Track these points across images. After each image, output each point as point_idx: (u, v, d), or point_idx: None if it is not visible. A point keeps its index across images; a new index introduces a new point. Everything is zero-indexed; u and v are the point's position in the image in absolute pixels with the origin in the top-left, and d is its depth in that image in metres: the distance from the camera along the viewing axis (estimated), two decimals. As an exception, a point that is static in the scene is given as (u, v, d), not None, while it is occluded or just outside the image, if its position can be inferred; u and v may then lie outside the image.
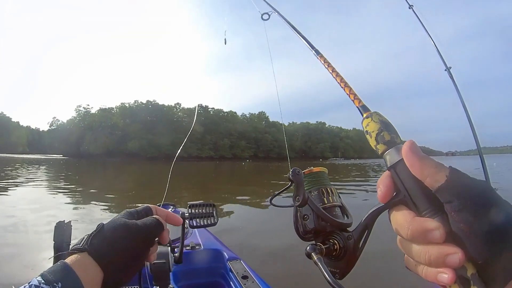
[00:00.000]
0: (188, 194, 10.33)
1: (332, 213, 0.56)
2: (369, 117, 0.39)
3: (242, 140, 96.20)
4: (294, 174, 0.55)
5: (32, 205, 6.96)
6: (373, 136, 0.37)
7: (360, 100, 0.44)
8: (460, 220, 0.27)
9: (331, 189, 0.59)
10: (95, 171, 25.65)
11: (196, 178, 17.99)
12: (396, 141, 0.36)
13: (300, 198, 0.54)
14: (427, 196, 0.31)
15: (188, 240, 1.50)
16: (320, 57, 0.62)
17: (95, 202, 7.82)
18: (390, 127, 0.37)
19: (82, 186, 12.24)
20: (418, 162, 0.31)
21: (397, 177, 0.34)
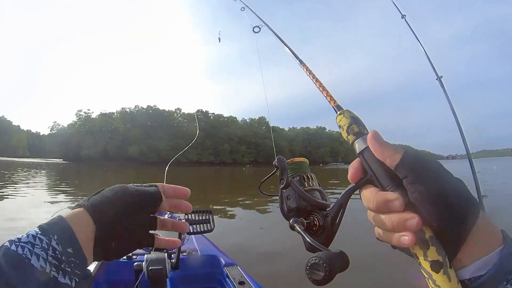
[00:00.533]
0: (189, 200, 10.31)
1: (312, 195, 0.63)
2: (342, 113, 0.46)
3: (242, 145, 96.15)
4: (279, 161, 0.64)
5: (31, 210, 6.96)
6: (345, 129, 0.44)
7: (335, 101, 0.51)
8: (414, 190, 0.34)
9: (311, 175, 0.68)
10: (95, 176, 25.61)
11: (195, 184, 17.97)
12: (363, 132, 0.43)
13: (284, 181, 0.62)
14: (389, 175, 0.37)
15: (185, 246, 1.51)
16: (303, 66, 0.69)
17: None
18: (358, 121, 0.44)
19: (81, 190, 12.24)
20: (379, 146, 0.38)
21: (365, 161, 0.40)
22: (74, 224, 0.43)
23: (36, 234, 0.40)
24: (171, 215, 1.97)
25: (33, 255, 0.38)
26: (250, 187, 14.79)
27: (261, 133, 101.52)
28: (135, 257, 1.33)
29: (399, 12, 2.13)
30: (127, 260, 1.30)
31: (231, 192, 11.53)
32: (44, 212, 6.89)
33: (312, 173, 0.69)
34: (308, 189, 0.63)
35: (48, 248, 0.39)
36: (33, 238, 0.39)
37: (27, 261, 0.37)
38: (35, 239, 0.39)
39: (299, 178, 0.66)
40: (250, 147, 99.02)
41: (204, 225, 1.26)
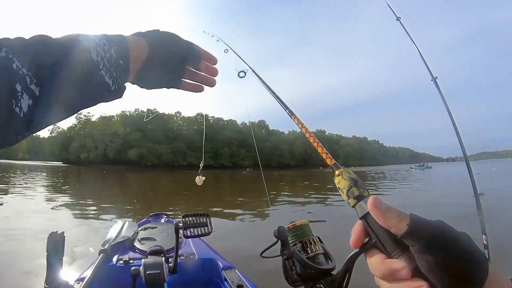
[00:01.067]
0: (186, 203, 10.30)
1: (316, 260, 0.64)
2: (340, 175, 0.44)
3: (242, 149, 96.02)
4: (279, 232, 0.66)
5: (31, 213, 6.94)
6: (344, 192, 0.42)
7: (331, 159, 0.50)
8: (422, 259, 0.33)
9: (313, 239, 0.68)
10: (95, 179, 25.58)
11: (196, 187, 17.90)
12: (364, 195, 0.41)
13: (287, 252, 0.64)
14: (394, 240, 0.36)
15: (182, 250, 1.51)
16: (294, 117, 0.68)
17: (95, 210, 7.81)
18: (358, 182, 0.42)
19: (81, 194, 12.22)
20: (382, 215, 0.37)
21: (368, 225, 0.39)
22: (132, 44, 0.50)
23: (102, 38, 0.46)
24: (168, 219, 1.98)
25: (94, 50, 0.43)
26: (249, 190, 14.78)
27: (261, 137, 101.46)
28: (132, 261, 1.33)
29: (394, 14, 2.15)
30: (124, 265, 1.30)
31: (230, 195, 11.51)
32: (44, 213, 6.89)
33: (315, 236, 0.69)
34: (312, 255, 0.64)
35: (107, 52, 0.45)
36: (99, 39, 0.45)
37: (88, 52, 0.42)
38: (100, 40, 0.45)
39: (301, 245, 0.66)
40: (250, 150, 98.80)
41: (201, 229, 1.25)
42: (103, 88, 0.45)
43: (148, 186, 18.91)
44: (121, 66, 0.47)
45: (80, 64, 0.41)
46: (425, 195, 12.13)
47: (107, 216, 7.13)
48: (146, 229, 1.68)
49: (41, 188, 14.15)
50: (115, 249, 1.40)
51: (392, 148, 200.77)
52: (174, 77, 0.59)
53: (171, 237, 1.52)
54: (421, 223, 0.34)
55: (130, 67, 0.50)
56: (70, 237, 4.74)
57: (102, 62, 0.44)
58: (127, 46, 0.49)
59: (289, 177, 29.64)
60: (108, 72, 0.45)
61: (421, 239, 0.33)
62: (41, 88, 0.37)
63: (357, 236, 0.40)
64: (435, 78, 1.89)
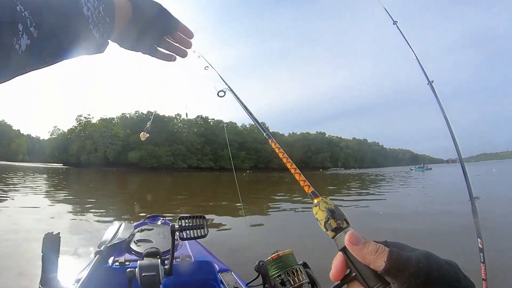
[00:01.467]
0: (186, 205, 10.29)
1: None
2: (317, 205, 0.43)
3: (243, 151, 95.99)
4: (259, 266, 0.66)
5: (30, 214, 6.93)
6: (322, 223, 0.41)
7: (309, 186, 0.48)
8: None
9: (297, 269, 0.67)
10: (94, 181, 25.57)
11: (196, 189, 17.94)
12: (342, 226, 0.40)
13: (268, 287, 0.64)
14: (375, 274, 0.35)
15: (178, 252, 1.51)
16: (271, 141, 0.67)
17: (92, 212, 7.79)
18: (335, 213, 0.41)
19: (79, 195, 12.21)
20: (359, 252, 0.36)
21: (348, 258, 0.38)
22: (118, 4, 0.54)
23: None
24: (164, 221, 1.97)
25: (85, 6, 0.47)
26: (248, 191, 14.76)
27: (261, 139, 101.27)
28: (128, 263, 1.33)
29: (391, 18, 2.17)
30: (120, 267, 1.30)
31: (230, 197, 11.49)
32: (41, 214, 6.88)
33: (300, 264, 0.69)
34: (295, 286, 0.64)
35: (96, 8, 0.49)
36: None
37: (80, 6, 0.47)
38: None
39: (285, 275, 0.66)
40: (250, 152, 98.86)
41: (198, 231, 1.25)
42: (90, 40, 0.50)
43: (147, 188, 18.92)
44: (107, 23, 0.52)
45: (73, 17, 0.46)
46: (421, 198, 12.15)
47: (104, 217, 7.12)
48: (142, 231, 1.68)
49: (39, 189, 14.14)
50: (111, 251, 1.40)
51: (392, 150, 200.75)
52: (150, 43, 0.63)
53: (167, 239, 1.52)
54: (400, 259, 0.33)
55: (114, 25, 0.54)
56: (66, 238, 4.73)
57: (91, 17, 0.48)
58: (114, 5, 0.53)
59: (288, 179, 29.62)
60: (95, 26, 0.49)
61: (400, 276, 0.32)
62: (39, 31, 0.41)
63: (337, 269, 0.39)
64: (431, 82, 1.91)
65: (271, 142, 0.67)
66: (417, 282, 0.31)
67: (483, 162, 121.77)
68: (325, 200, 0.43)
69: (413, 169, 62.25)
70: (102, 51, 0.55)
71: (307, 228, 5.53)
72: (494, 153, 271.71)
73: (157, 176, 41.02)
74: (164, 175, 46.19)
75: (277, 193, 14.15)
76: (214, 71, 1.29)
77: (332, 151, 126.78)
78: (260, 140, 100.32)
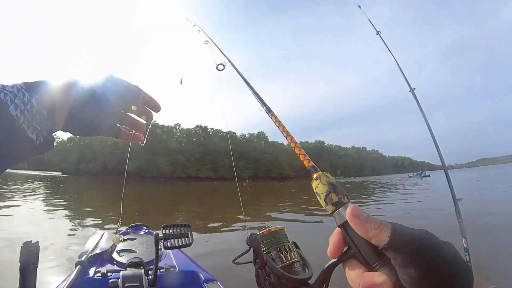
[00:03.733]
0: (183, 215, 10.19)
1: (291, 269, 0.60)
2: (318, 179, 0.41)
3: (242, 160, 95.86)
4: (251, 239, 0.61)
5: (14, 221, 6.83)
6: (322, 197, 0.40)
7: (309, 160, 0.47)
8: (404, 273, 0.31)
9: (289, 246, 0.64)
10: (90, 190, 25.41)
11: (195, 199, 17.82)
12: (343, 201, 0.38)
13: (259, 261, 0.60)
14: (375, 251, 0.34)
15: (162, 262, 1.47)
16: (271, 114, 0.65)
17: (78, 220, 7.68)
18: (337, 188, 0.40)
19: (71, 203, 12.10)
20: (361, 226, 0.34)
21: (347, 234, 0.37)
22: (55, 90, 0.46)
23: (21, 88, 0.42)
24: (148, 230, 1.94)
25: (12, 104, 0.40)
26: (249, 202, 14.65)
27: (260, 148, 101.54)
28: (110, 274, 1.29)
29: (374, 29, 2.21)
30: (102, 278, 1.26)
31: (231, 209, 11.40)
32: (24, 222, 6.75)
33: (291, 243, 0.65)
34: (287, 264, 0.61)
35: (27, 103, 0.41)
36: (17, 90, 0.41)
37: (6, 106, 0.39)
38: (19, 91, 0.41)
39: (276, 252, 0.62)
40: (250, 162, 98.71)
41: (182, 240, 1.22)
42: (27, 144, 0.41)
43: (145, 197, 18.77)
44: (45, 116, 0.44)
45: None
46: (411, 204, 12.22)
47: (90, 226, 6.94)
48: (125, 240, 1.63)
49: (32, 197, 13.96)
50: (92, 261, 1.36)
51: (391, 157, 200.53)
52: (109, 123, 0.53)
53: (151, 249, 1.48)
54: (404, 234, 0.32)
55: (56, 116, 0.46)
56: (47, 247, 4.49)
57: (22, 115, 0.40)
58: (50, 92, 0.45)
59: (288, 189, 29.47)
60: (30, 125, 0.41)
61: (403, 252, 0.31)
62: None
63: (335, 246, 0.37)
64: (413, 90, 1.93)
65: (271, 116, 0.65)
66: (420, 257, 0.31)
67: (482, 167, 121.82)
68: (326, 174, 0.42)
69: (412, 176, 62.11)
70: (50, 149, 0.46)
71: (312, 242, 5.45)
72: (493, 158, 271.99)
73: (156, 185, 40.82)
74: (163, 184, 45.95)
75: (279, 203, 14.02)
76: (214, 45, 1.24)
77: (331, 159, 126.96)
78: (260, 149, 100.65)
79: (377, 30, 2.17)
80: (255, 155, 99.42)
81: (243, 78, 0.90)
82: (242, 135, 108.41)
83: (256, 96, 0.76)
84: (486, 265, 3.38)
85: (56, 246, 4.72)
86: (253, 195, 21.13)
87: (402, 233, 0.32)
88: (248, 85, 0.84)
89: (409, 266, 0.30)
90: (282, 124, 0.60)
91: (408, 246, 0.31)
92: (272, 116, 0.64)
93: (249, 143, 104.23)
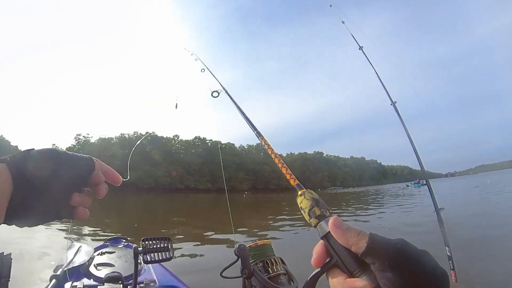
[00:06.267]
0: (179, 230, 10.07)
1: (277, 281, 0.62)
2: (302, 195, 0.45)
3: (241, 172, 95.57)
4: (239, 250, 0.64)
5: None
6: (306, 211, 0.43)
7: (295, 179, 0.51)
8: (383, 277, 0.33)
9: (275, 259, 0.67)
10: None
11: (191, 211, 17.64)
12: (325, 214, 0.42)
13: (247, 271, 0.62)
14: (355, 259, 0.37)
15: (141, 276, 1.44)
16: (261, 138, 0.71)
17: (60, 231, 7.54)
18: (319, 202, 0.44)
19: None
20: (342, 235, 0.38)
21: (329, 244, 0.40)
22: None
23: None
24: (127, 243, 1.91)
25: None
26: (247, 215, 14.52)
27: (259, 160, 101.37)
28: (87, 289, 1.27)
29: (357, 44, 2.27)
30: (78, 293, 1.24)
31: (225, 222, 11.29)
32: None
33: (277, 257, 0.68)
34: (273, 275, 0.63)
35: None
36: None
37: None
38: None
39: (263, 264, 0.65)
40: (248, 173, 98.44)
41: (163, 254, 1.20)
42: None
43: (141, 209, 18.58)
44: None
45: None
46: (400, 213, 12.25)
47: (71, 238, 6.74)
48: (103, 253, 1.59)
49: None
50: (68, 275, 1.32)
51: (390, 167, 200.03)
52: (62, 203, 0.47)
53: (130, 263, 1.45)
54: (380, 240, 0.35)
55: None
56: (21, 259, 4.21)
57: None
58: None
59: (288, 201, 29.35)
60: None
61: (380, 256, 0.34)
62: None
63: (318, 255, 0.40)
64: (394, 103, 1.98)
65: (261, 139, 0.71)
66: (397, 261, 0.33)
67: (481, 174, 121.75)
68: (310, 191, 0.46)
69: (409, 185, 62.10)
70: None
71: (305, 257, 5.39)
72: (491, 164, 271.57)
73: (154, 196, 40.49)
74: (160, 196, 45.60)
75: (277, 217, 13.87)
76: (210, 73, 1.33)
77: (330, 170, 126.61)
78: (258, 161, 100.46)
79: (360, 45, 2.24)
80: (254, 166, 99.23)
81: (236, 105, 0.97)
82: (241, 147, 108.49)
83: (248, 122, 0.82)
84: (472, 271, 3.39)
85: (31, 258, 4.51)
86: (252, 207, 20.99)
87: (379, 240, 0.35)
88: (241, 111, 0.90)
89: (387, 269, 0.33)
90: (271, 147, 0.65)
91: (384, 251, 0.34)
92: (262, 140, 0.70)
93: (248, 155, 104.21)
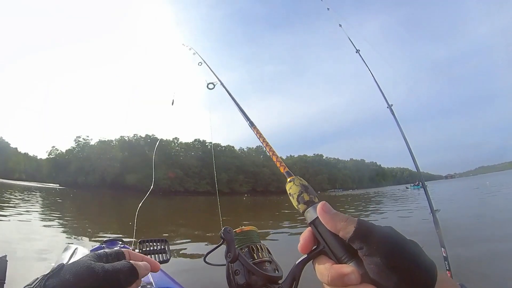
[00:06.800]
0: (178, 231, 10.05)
1: (262, 267, 0.60)
2: (292, 181, 0.45)
3: (240, 175, 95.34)
4: (225, 232, 0.62)
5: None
6: (295, 197, 0.43)
7: (285, 167, 0.51)
8: (370, 262, 0.33)
9: (261, 246, 0.65)
10: (84, 202, 25.11)
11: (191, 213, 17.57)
12: (314, 200, 0.42)
13: (231, 255, 0.60)
14: (343, 245, 0.37)
15: None
16: (253, 128, 0.71)
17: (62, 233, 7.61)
18: (308, 189, 0.43)
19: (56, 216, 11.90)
20: (330, 219, 0.37)
21: (317, 231, 0.39)
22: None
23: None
24: (123, 245, 1.91)
25: None
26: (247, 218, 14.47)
27: (259, 162, 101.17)
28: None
29: (354, 47, 2.29)
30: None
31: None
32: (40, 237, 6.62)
33: (262, 244, 0.67)
34: (258, 261, 0.62)
35: None
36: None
37: None
38: None
39: (248, 250, 0.64)
40: (248, 176, 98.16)
41: (159, 256, 1.20)
42: None
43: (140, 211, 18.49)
44: None
45: None
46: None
47: (70, 240, 6.78)
48: None
49: (36, 209, 13.78)
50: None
51: (390, 169, 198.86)
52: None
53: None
54: (368, 226, 0.35)
55: None
56: (17, 261, 4.03)
57: None
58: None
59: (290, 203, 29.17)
60: None
61: (368, 241, 0.33)
62: None
63: (305, 241, 0.40)
64: (391, 106, 1.98)
65: (253, 129, 0.70)
66: (385, 246, 0.33)
67: (481, 176, 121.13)
68: (299, 177, 0.45)
69: (409, 187, 61.44)
70: None
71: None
72: (492, 166, 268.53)
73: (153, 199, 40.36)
74: (159, 198, 45.49)
75: (276, 219, 13.84)
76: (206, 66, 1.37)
77: (330, 172, 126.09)
78: (258, 163, 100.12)
79: (357, 48, 2.25)
80: (253, 169, 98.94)
81: (230, 95, 0.99)
82: (241, 149, 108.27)
83: (240, 111, 0.82)
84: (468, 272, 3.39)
85: (26, 261, 4.46)
86: (252, 209, 20.93)
87: (367, 225, 0.35)
88: (234, 101, 0.91)
89: (374, 254, 0.33)
90: (263, 136, 0.65)
91: (372, 236, 0.34)
92: (254, 129, 0.70)
93: (248, 157, 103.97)
